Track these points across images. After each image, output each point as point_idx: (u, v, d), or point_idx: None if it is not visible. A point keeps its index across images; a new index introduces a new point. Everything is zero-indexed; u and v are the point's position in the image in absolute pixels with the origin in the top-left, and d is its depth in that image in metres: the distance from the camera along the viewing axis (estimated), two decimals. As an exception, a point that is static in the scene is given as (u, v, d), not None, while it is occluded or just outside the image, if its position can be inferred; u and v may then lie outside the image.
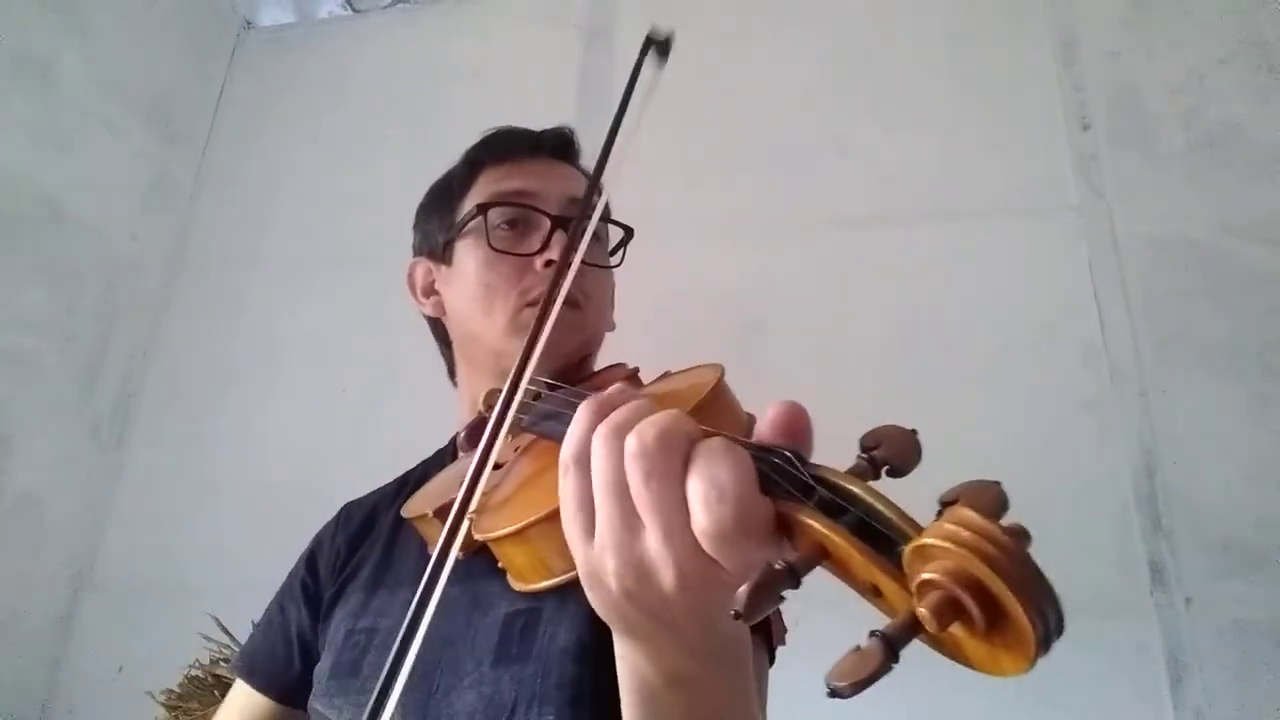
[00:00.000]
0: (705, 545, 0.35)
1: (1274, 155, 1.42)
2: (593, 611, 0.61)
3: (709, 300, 1.55)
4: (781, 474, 0.35)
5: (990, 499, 0.30)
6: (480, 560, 0.63)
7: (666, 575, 0.37)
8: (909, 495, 0.40)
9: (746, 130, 1.70)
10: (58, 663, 1.58)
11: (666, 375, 0.72)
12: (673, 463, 0.36)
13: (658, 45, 0.60)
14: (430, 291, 0.89)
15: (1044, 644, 0.27)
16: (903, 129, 1.61)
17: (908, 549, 0.29)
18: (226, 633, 1.33)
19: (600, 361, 0.86)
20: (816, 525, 0.32)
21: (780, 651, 0.68)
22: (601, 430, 0.39)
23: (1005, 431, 1.36)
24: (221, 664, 1.30)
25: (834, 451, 0.44)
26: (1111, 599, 1.24)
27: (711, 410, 0.49)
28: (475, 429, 0.78)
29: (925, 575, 0.28)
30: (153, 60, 1.90)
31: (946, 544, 0.27)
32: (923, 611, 0.27)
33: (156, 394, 1.80)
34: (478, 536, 0.52)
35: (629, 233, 0.88)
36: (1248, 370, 1.32)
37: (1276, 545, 1.22)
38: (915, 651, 0.30)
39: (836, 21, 1.74)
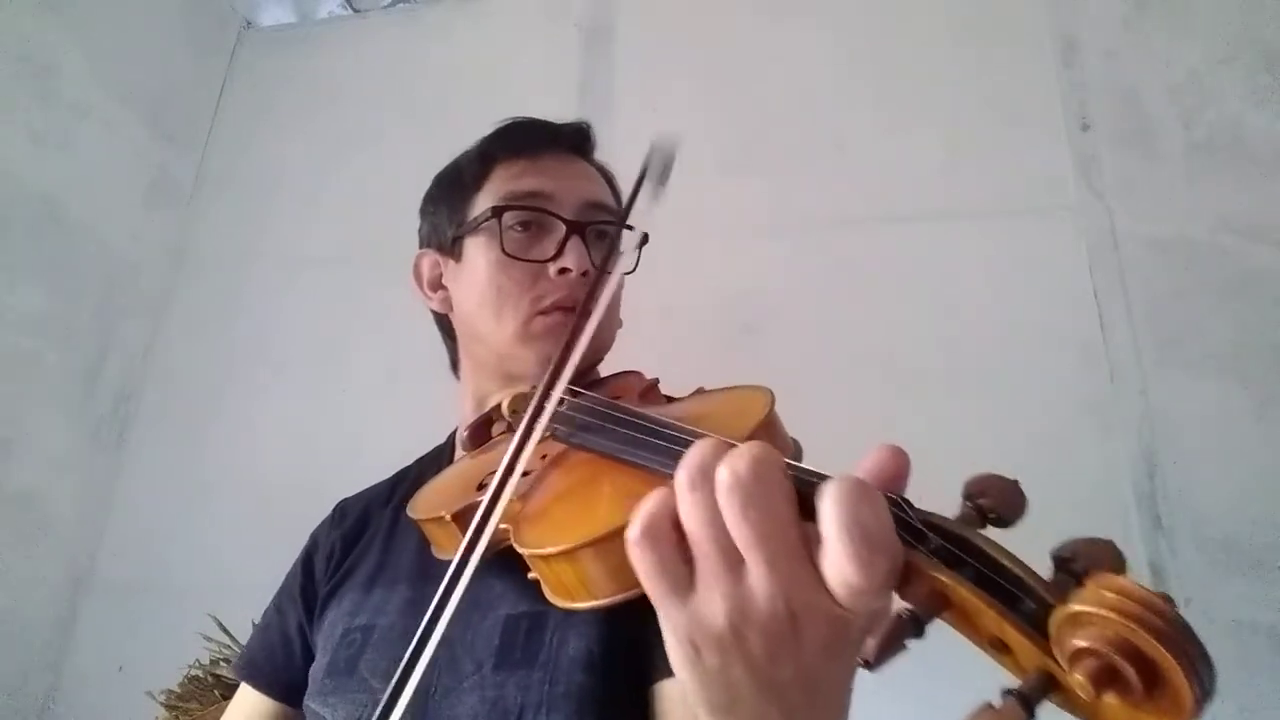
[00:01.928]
0: (844, 595, 0.33)
1: (1274, 155, 1.42)
2: (604, 620, 0.61)
3: (708, 300, 1.55)
4: (894, 519, 0.34)
5: (1116, 558, 0.30)
6: (483, 562, 0.63)
7: (774, 607, 0.35)
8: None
9: (746, 130, 1.70)
10: (58, 663, 1.58)
11: (700, 392, 0.70)
12: (769, 490, 0.35)
13: (659, 172, 0.60)
14: (437, 286, 0.87)
15: (1199, 710, 0.27)
16: (903, 129, 1.61)
17: (1058, 615, 0.29)
18: (226, 633, 1.33)
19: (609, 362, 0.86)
20: (940, 576, 0.32)
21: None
22: (684, 477, 0.36)
23: (1005, 431, 1.35)
24: (222, 664, 1.30)
25: (834, 451, 0.43)
26: (1111, 599, 1.24)
27: (765, 439, 0.49)
28: (478, 429, 0.77)
29: (1081, 643, 0.28)
30: (153, 60, 1.90)
31: (1110, 614, 0.27)
32: (1079, 679, 0.28)
33: (156, 394, 1.80)
34: (521, 550, 0.50)
35: (644, 237, 0.87)
36: (1248, 370, 1.32)
37: (1276, 545, 1.22)
38: (916, 652, 0.30)
39: (836, 21, 1.74)
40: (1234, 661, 1.18)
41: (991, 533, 0.34)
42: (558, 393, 0.52)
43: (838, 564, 0.33)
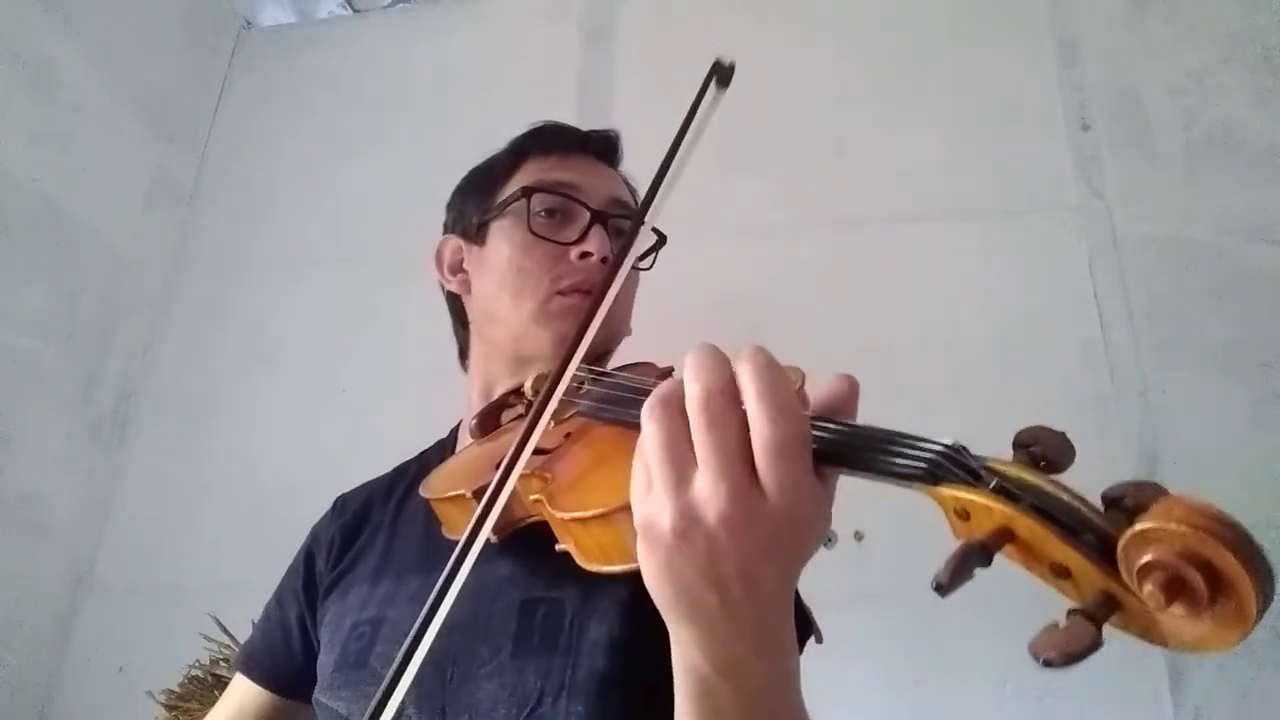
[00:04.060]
0: (764, 458, 0.39)
1: (1274, 155, 1.42)
2: (624, 605, 0.62)
3: (708, 300, 1.54)
4: (953, 462, 0.38)
5: (1159, 493, 0.33)
6: (492, 545, 0.63)
7: (713, 510, 0.39)
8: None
9: (747, 130, 1.69)
10: (58, 663, 1.58)
11: None
12: (726, 409, 0.40)
13: (720, 74, 0.64)
14: (457, 269, 0.88)
15: (1259, 617, 0.29)
16: (903, 129, 1.61)
17: (1127, 534, 0.31)
18: (226, 633, 1.33)
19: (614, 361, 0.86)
20: (1001, 508, 0.34)
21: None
22: (651, 401, 0.43)
23: (1005, 432, 1.35)
24: (221, 664, 1.30)
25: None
26: (1111, 599, 1.24)
27: None
28: (487, 417, 0.78)
29: (1150, 557, 0.30)
30: (153, 60, 1.90)
31: (1178, 526, 0.29)
32: (1149, 590, 0.30)
33: (156, 394, 1.80)
34: (559, 515, 0.53)
35: (662, 239, 0.88)
36: (1248, 370, 1.32)
37: (1277, 545, 1.21)
38: (916, 652, 0.30)
39: (837, 22, 1.74)
40: (1234, 661, 1.18)
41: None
42: (575, 362, 0.54)
43: (758, 427, 0.39)
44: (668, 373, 0.79)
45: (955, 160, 1.56)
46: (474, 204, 0.87)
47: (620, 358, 0.85)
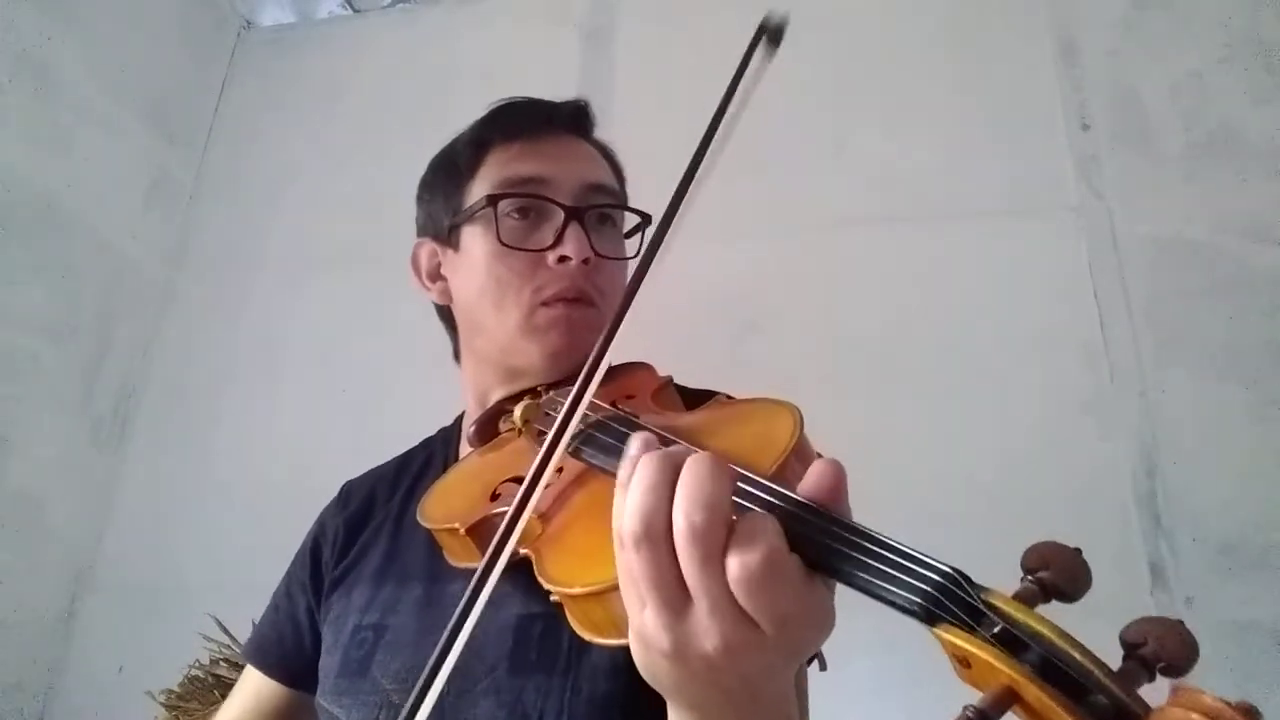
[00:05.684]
0: (741, 595, 0.37)
1: (1274, 155, 1.42)
2: None
3: (708, 300, 1.54)
4: (949, 597, 0.34)
5: (1188, 646, 0.31)
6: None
7: (710, 643, 0.38)
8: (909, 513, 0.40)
9: (746, 130, 1.69)
10: (58, 663, 1.58)
11: (719, 402, 0.67)
12: (717, 541, 0.38)
13: (770, 33, 0.58)
14: (436, 276, 0.84)
15: None
16: (903, 129, 1.61)
17: None
18: (226, 633, 1.33)
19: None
20: (1004, 669, 0.31)
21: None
22: (631, 531, 0.39)
23: (1005, 432, 1.35)
24: (221, 664, 1.30)
25: (834, 450, 0.43)
26: (1111, 599, 1.24)
27: (793, 466, 0.46)
28: (484, 425, 0.75)
29: None
30: (153, 60, 1.90)
31: None
32: None
33: (156, 394, 1.80)
34: (546, 585, 0.49)
35: (645, 219, 0.83)
36: (1248, 370, 1.32)
37: (1276, 545, 1.21)
38: (912, 653, 0.30)
39: (837, 21, 1.74)
40: (1234, 661, 1.18)
41: (1055, 608, 0.33)
42: (580, 409, 0.50)
43: (729, 568, 0.37)
44: (665, 385, 0.75)
45: (955, 160, 1.56)
46: (442, 203, 0.82)
47: (617, 356, 0.85)
